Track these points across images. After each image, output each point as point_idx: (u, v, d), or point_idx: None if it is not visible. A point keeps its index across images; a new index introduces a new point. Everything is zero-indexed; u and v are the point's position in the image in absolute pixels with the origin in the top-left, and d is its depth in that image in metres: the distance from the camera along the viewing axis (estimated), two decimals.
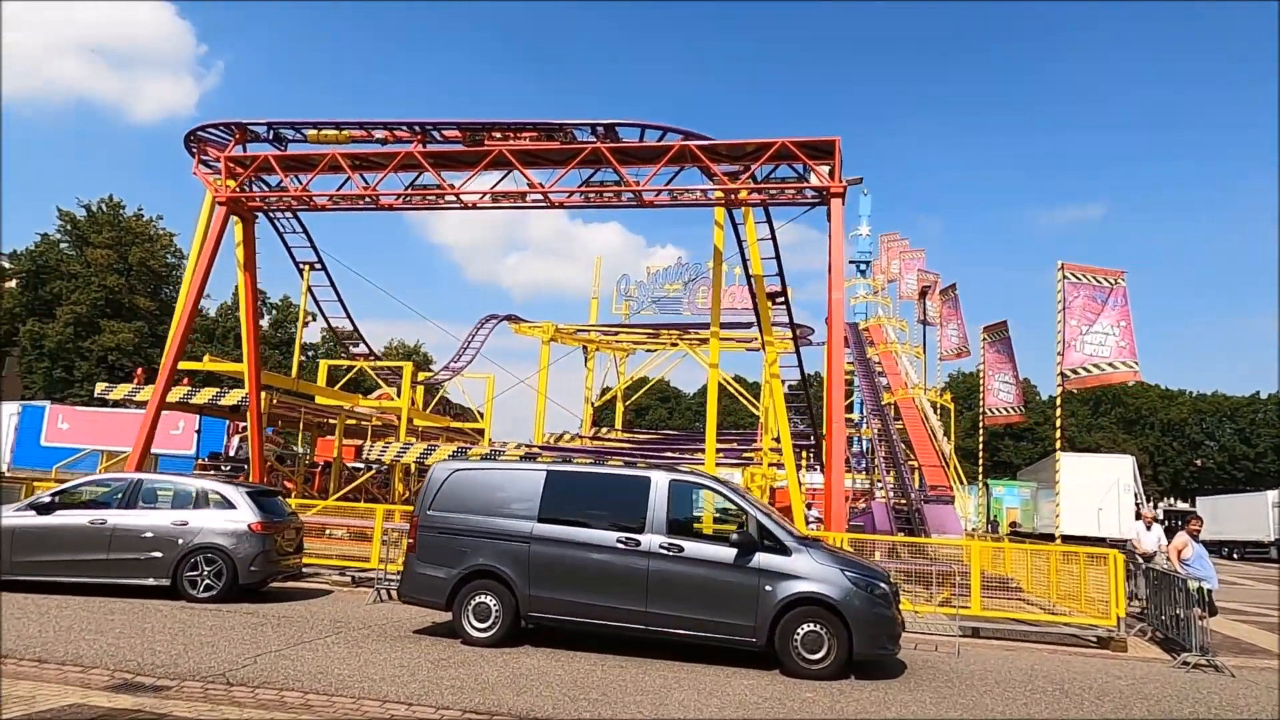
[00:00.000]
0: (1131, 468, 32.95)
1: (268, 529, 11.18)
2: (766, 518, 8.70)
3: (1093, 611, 12.13)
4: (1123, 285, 15.55)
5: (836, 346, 14.19)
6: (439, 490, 9.42)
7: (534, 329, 39.81)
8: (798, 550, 8.45)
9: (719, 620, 8.39)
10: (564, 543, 8.87)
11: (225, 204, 17.30)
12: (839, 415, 13.35)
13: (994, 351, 21.13)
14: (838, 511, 12.88)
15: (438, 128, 16.97)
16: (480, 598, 8.96)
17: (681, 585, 8.53)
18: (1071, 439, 76.89)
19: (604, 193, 16.47)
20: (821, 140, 15.20)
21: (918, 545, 13.18)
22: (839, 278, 14.49)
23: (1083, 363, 15.19)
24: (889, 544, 13.59)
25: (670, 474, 9.08)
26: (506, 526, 9.05)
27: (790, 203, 16.12)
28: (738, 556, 8.46)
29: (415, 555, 9.30)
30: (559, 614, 8.80)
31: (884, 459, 27.56)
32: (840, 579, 8.31)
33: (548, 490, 9.15)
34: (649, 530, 8.72)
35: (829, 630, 8.19)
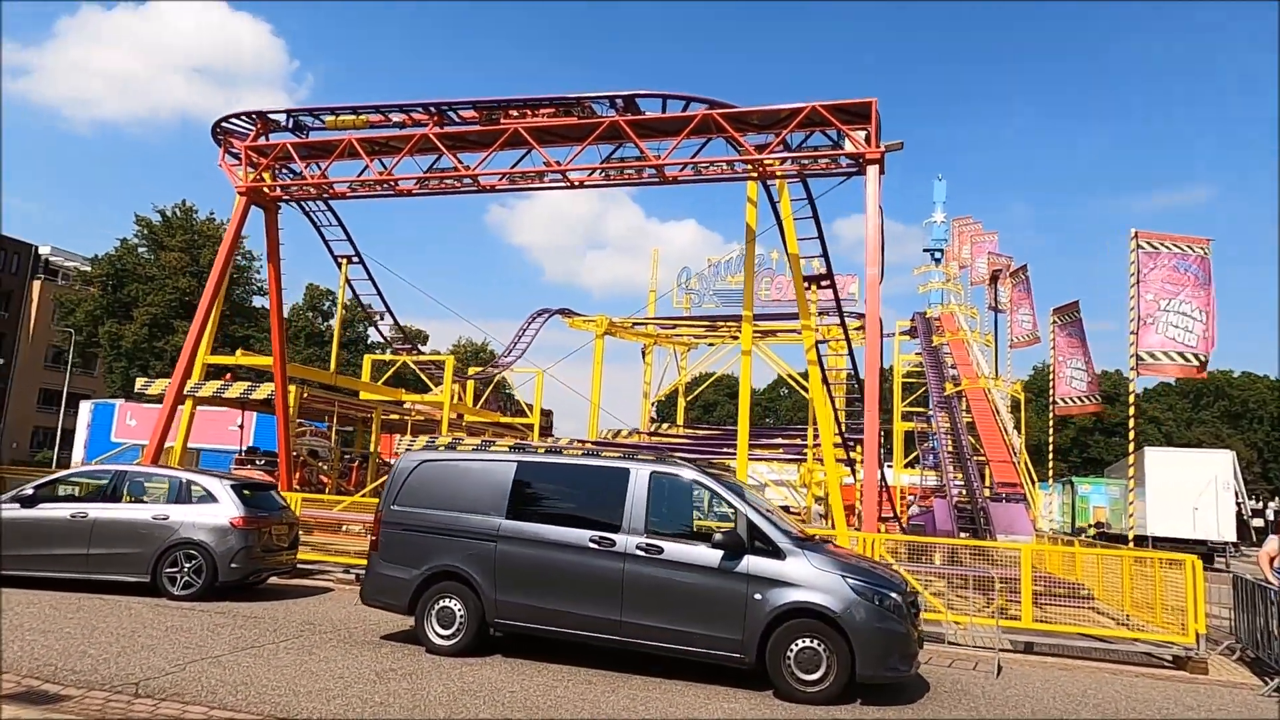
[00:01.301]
0: (1231, 463, 29.98)
1: (251, 524, 10.64)
2: (759, 515, 7.58)
3: (1170, 626, 10.52)
4: (1209, 257, 13.68)
5: (872, 329, 12.84)
6: (405, 483, 8.63)
7: (588, 323, 39.15)
8: (793, 553, 7.31)
9: (701, 633, 7.32)
10: (533, 542, 7.95)
11: (245, 194, 17.05)
12: (873, 406, 12.02)
13: (1065, 335, 19.23)
14: (869, 511, 11.57)
15: (454, 108, 16.26)
16: (445, 602, 8.13)
17: (660, 592, 7.50)
18: (1169, 435, 72.03)
19: (625, 169, 15.51)
20: (856, 103, 13.86)
21: (958, 547, 11.73)
22: (874, 252, 13.14)
23: (1162, 346, 13.41)
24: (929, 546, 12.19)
25: (651, 465, 8.05)
26: (473, 523, 8.19)
27: (824, 173, 14.81)
28: (723, 560, 7.37)
29: (378, 553, 8.53)
30: (527, 621, 7.89)
31: (949, 454, 25.74)
32: (841, 587, 7.13)
33: (518, 483, 8.25)
34: (626, 529, 7.72)
35: (828, 647, 7.04)
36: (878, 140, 13.77)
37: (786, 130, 14.17)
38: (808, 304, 16.44)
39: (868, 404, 12.13)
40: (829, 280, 18.40)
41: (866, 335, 12.96)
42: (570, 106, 15.53)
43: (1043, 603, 13.48)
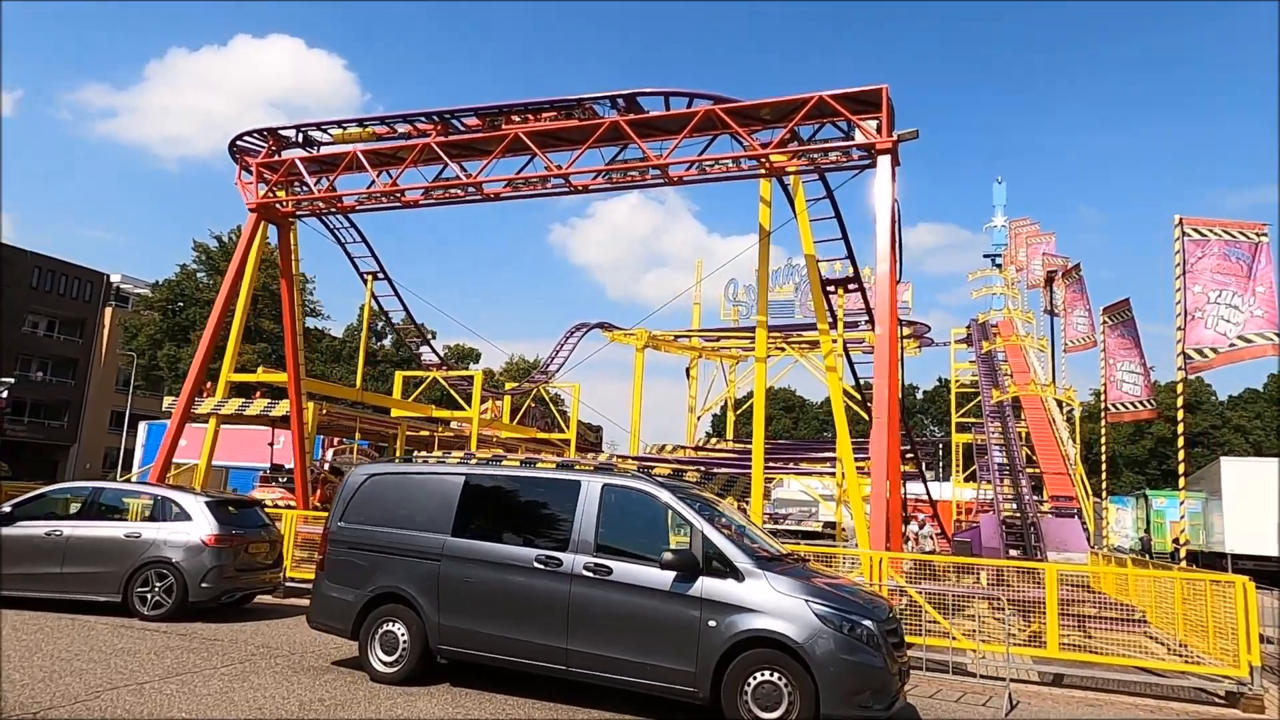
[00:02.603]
0: None
1: (225, 542, 10.32)
2: (718, 532, 6.81)
3: (1224, 656, 9.28)
4: (1265, 242, 12.36)
5: (882, 330, 11.89)
6: (352, 498, 8.14)
7: (628, 336, 38.62)
8: (753, 575, 6.52)
9: (652, 663, 6.58)
10: (478, 561, 7.34)
11: (256, 210, 17.06)
12: (882, 412, 11.08)
13: (1116, 336, 17.79)
14: (877, 528, 10.61)
15: (457, 115, 15.97)
16: (388, 626, 7.57)
17: (608, 617, 6.80)
18: (1258, 445, 67.53)
19: (629, 171, 14.93)
20: (865, 90, 13.02)
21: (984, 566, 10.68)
22: (885, 248, 12.23)
23: (1214, 342, 12.13)
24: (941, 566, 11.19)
25: (605, 477, 7.36)
26: (418, 541, 7.63)
27: (836, 166, 13.95)
28: (675, 582, 6.63)
29: (323, 574, 8.04)
30: (471, 648, 7.27)
31: (998, 466, 24.29)
32: (805, 613, 6.31)
33: (465, 498, 7.67)
34: (574, 547, 7.05)
35: (790, 681, 6.22)
36: (890, 129, 12.90)
37: (792, 123, 13.41)
38: (825, 308, 15.48)
39: (876, 411, 11.20)
40: (856, 283, 17.46)
41: (877, 336, 12.02)
42: (571, 109, 15.05)
43: (1091, 627, 12.30)
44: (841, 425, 13.96)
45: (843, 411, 14.06)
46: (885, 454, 10.79)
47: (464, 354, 70.10)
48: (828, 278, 18.11)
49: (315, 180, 16.86)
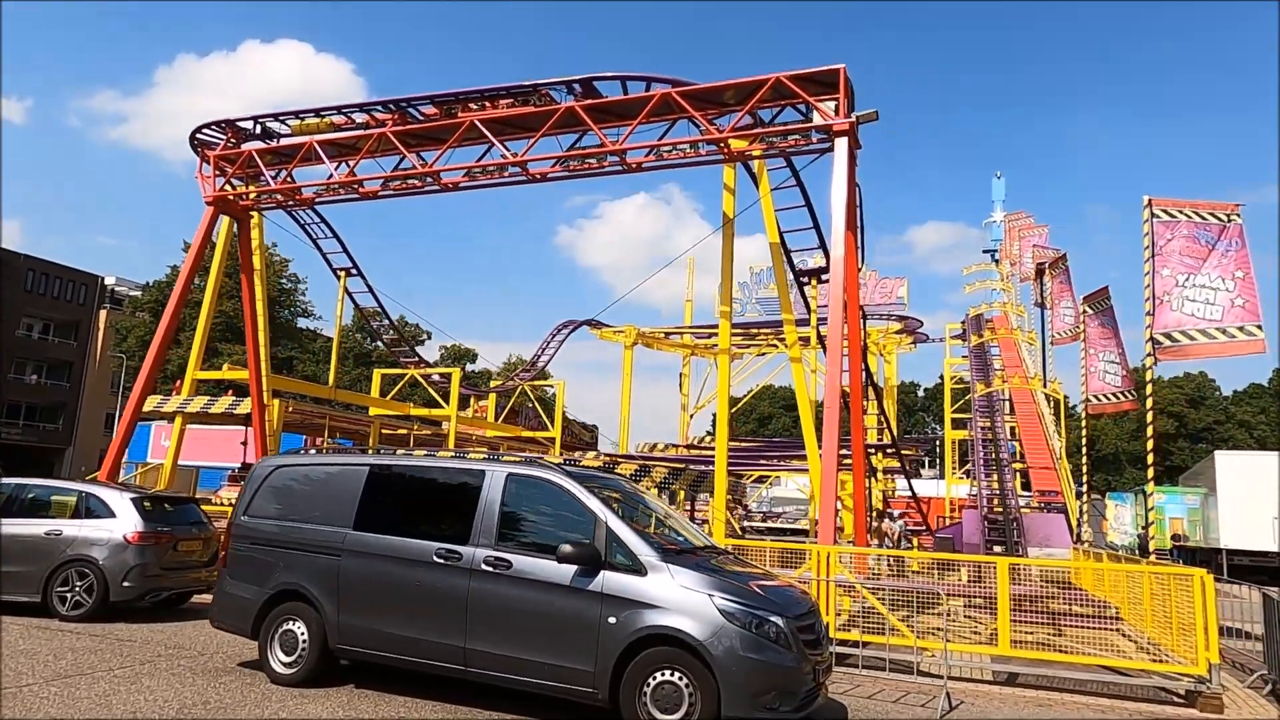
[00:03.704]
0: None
1: (149, 540, 9.97)
2: (624, 523, 6.41)
3: (1187, 653, 8.83)
4: (1238, 223, 11.89)
5: (834, 317, 11.46)
6: (257, 491, 7.77)
7: (616, 334, 38.23)
8: (656, 568, 6.12)
9: (550, 663, 6.19)
10: (378, 556, 6.96)
11: (213, 204, 16.76)
12: (833, 403, 10.66)
13: (1096, 325, 17.28)
14: (825, 524, 10.20)
15: (414, 104, 15.64)
16: (289, 624, 7.20)
17: (507, 614, 6.41)
18: (1262, 440, 66.68)
19: (586, 158, 14.56)
20: (823, 71, 12.64)
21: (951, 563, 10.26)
22: (838, 233, 11.82)
23: (1180, 325, 11.67)
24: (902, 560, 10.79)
25: (510, 467, 6.98)
26: (320, 535, 7.26)
27: (795, 150, 13.57)
28: (576, 576, 6.24)
29: (226, 570, 7.68)
30: (370, 648, 6.88)
31: (984, 461, 23.80)
32: (707, 609, 5.91)
33: (369, 490, 7.29)
34: (475, 540, 6.67)
35: (691, 681, 5.82)
36: (848, 110, 12.50)
37: (749, 106, 13.02)
38: (789, 299, 15.08)
39: (828, 400, 10.77)
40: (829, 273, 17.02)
41: (829, 323, 11.60)
42: (528, 95, 14.71)
43: (1062, 624, 11.87)
44: (806, 420, 13.56)
45: (808, 406, 13.65)
46: (833, 449, 10.37)
47: (461, 354, 69.78)
48: (803, 269, 17.72)
49: (274, 172, 16.54)
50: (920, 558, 11.16)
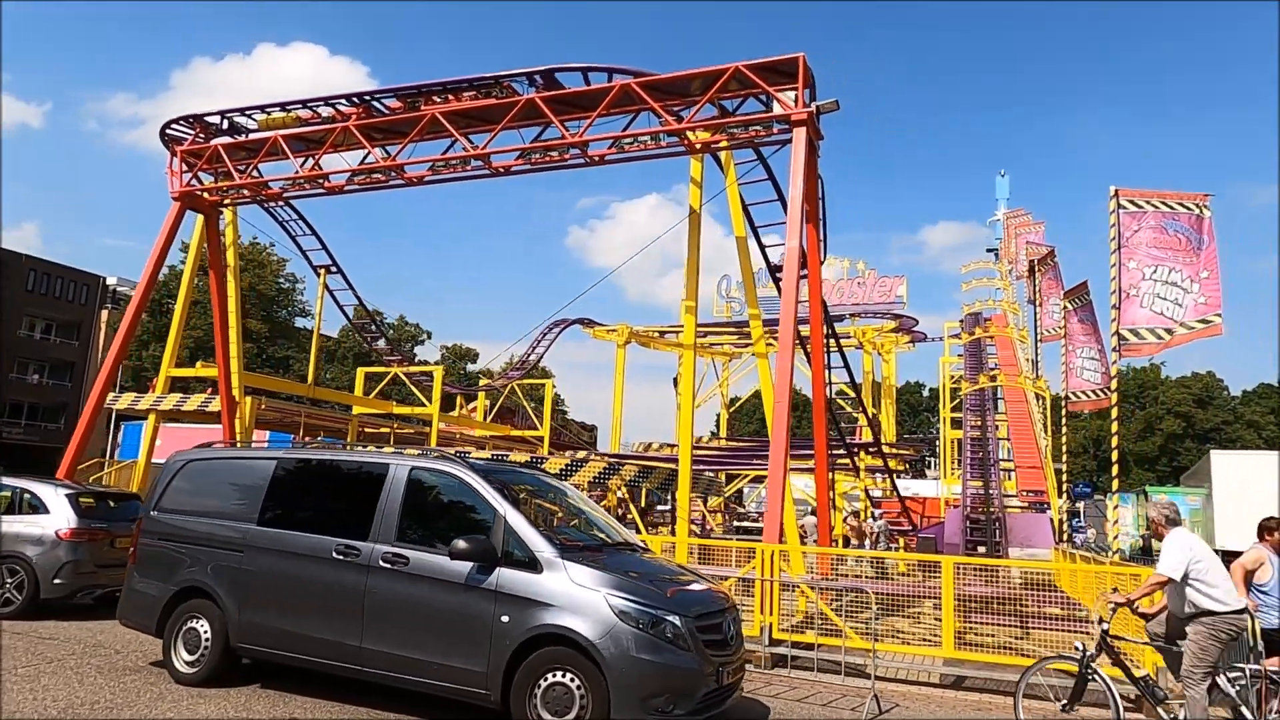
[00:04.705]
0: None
1: (83, 536, 9.81)
2: (524, 518, 6.18)
3: (1143, 656, 8.52)
4: (1207, 215, 11.56)
5: (786, 315, 11.17)
6: (168, 486, 7.60)
7: (609, 333, 38.04)
8: (552, 565, 5.89)
9: (442, 663, 5.97)
10: (279, 552, 6.76)
11: (179, 199, 16.62)
12: (783, 406, 10.39)
13: (1076, 321, 16.97)
14: (771, 523, 9.92)
15: (378, 97, 15.47)
16: (192, 623, 7.01)
17: (402, 612, 6.19)
18: (1272, 441, 65.78)
19: (549, 151, 14.33)
20: (782, 60, 12.36)
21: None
22: (794, 224, 11.55)
23: (1149, 322, 11.34)
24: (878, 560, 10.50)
25: (415, 460, 6.76)
26: (225, 531, 7.07)
27: (760, 141, 13.30)
28: (472, 573, 6.01)
29: (134, 567, 7.50)
30: (270, 646, 6.68)
31: (971, 461, 23.45)
32: (600, 607, 5.67)
33: (274, 484, 7.10)
34: (375, 536, 6.45)
35: (583, 683, 5.59)
36: (806, 100, 12.23)
37: (707, 96, 12.77)
38: (755, 294, 14.82)
39: (777, 396, 10.50)
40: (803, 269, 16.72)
41: (781, 315, 11.33)
42: (490, 88, 14.49)
43: (1031, 627, 11.56)
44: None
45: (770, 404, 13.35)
46: (782, 447, 10.09)
47: (461, 354, 69.74)
48: (777, 264, 17.44)
49: (240, 167, 16.39)
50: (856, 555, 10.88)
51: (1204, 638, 6.19)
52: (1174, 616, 6.59)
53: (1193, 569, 6.27)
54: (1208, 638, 6.17)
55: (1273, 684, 6.10)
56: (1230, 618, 6.19)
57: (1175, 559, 6.26)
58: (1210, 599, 6.22)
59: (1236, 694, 6.15)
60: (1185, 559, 6.26)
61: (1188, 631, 6.30)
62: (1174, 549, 6.33)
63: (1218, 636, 6.17)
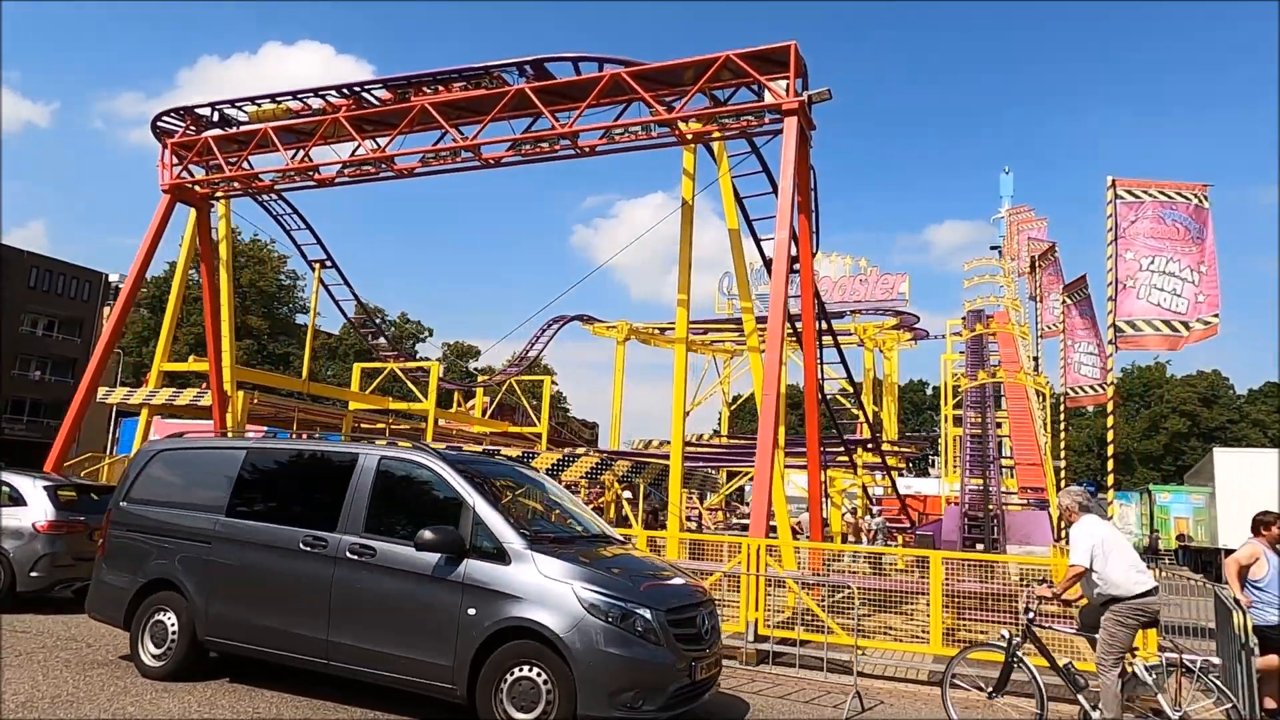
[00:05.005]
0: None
1: (60, 529, 9.69)
2: (494, 508, 6.03)
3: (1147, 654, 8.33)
4: (1206, 207, 11.34)
5: (776, 309, 10.99)
6: (138, 476, 7.47)
7: (609, 329, 37.86)
8: (521, 556, 5.74)
9: (408, 656, 5.82)
10: (247, 544, 6.63)
11: (169, 191, 16.54)
12: (771, 400, 10.22)
13: (1076, 315, 16.75)
14: (757, 516, 9.77)
15: (367, 88, 15.33)
16: (160, 615, 6.88)
17: (368, 604, 6.05)
18: (1277, 439, 65.33)
19: (540, 142, 14.18)
20: (773, 49, 12.20)
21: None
22: (785, 215, 11.38)
23: (1145, 314, 11.14)
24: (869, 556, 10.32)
25: (384, 450, 6.62)
26: (193, 522, 6.93)
27: (753, 131, 13.13)
28: (439, 565, 5.87)
29: (103, 559, 7.37)
30: (237, 639, 6.55)
31: (970, 458, 23.19)
32: (569, 600, 5.51)
33: (243, 475, 6.96)
34: (343, 527, 6.31)
35: (550, 677, 5.44)
36: (798, 89, 12.06)
37: (698, 86, 12.61)
38: (749, 288, 14.64)
39: (766, 390, 10.33)
40: (798, 263, 16.55)
41: (770, 308, 11.15)
42: (479, 78, 14.35)
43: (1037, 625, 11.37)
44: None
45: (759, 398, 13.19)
46: (770, 442, 9.93)
47: (463, 351, 69.66)
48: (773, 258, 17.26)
49: (232, 160, 16.28)
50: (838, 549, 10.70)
51: (1112, 624, 6.11)
52: (1090, 605, 6.51)
53: (1095, 555, 6.18)
54: (1115, 624, 6.10)
55: (1187, 671, 6.03)
56: (1135, 602, 6.08)
57: (1083, 547, 6.18)
58: (1113, 585, 6.13)
59: (1154, 682, 6.09)
60: (1091, 545, 6.16)
61: (1100, 620, 6.23)
62: (1082, 537, 6.23)
63: (1124, 623, 6.08)
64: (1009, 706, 7.18)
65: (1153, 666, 6.13)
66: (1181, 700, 6.07)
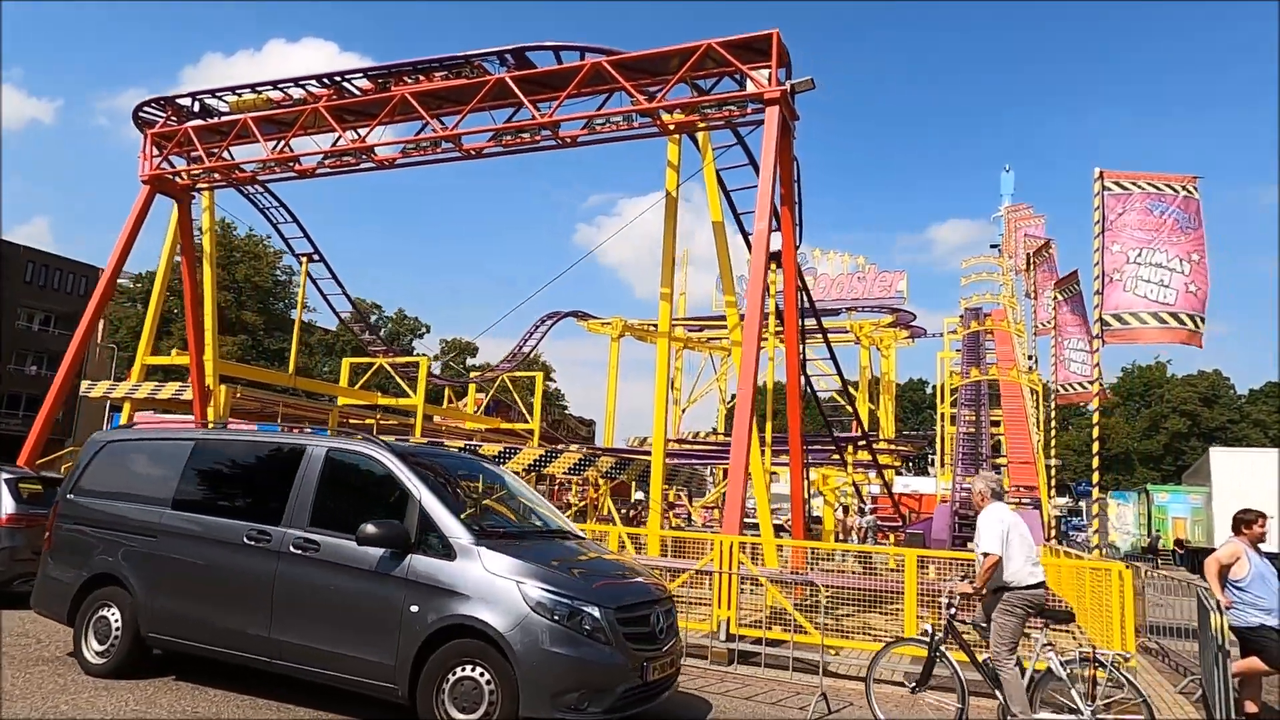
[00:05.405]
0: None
1: (21, 522, 9.51)
2: (441, 502, 5.82)
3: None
4: (1196, 198, 11.11)
5: (754, 297, 10.78)
6: (86, 468, 7.27)
7: (603, 325, 37.65)
8: (467, 552, 5.53)
9: (351, 655, 5.62)
10: (192, 537, 6.43)
11: (149, 182, 16.33)
12: (746, 392, 10.00)
13: (1067, 312, 16.50)
14: (730, 514, 9.55)
15: (347, 78, 15.11)
16: (104, 611, 6.69)
17: (311, 600, 5.85)
18: (1278, 440, 64.99)
19: (521, 132, 13.94)
20: (755, 37, 11.98)
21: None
22: (764, 206, 11.15)
23: (1132, 306, 10.91)
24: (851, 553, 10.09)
25: (333, 442, 6.42)
26: (139, 515, 6.74)
27: (738, 121, 12.90)
28: (383, 560, 5.66)
29: (49, 552, 7.17)
30: (180, 636, 6.35)
31: (962, 455, 23.01)
32: (513, 597, 5.31)
33: (192, 465, 6.77)
34: (288, 520, 6.11)
35: (493, 677, 5.24)
36: (780, 78, 11.83)
37: (679, 75, 12.39)
38: (731, 281, 14.42)
39: (741, 384, 10.10)
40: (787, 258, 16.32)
41: (748, 303, 10.94)
42: (460, 67, 14.13)
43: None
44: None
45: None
46: (745, 437, 9.71)
47: (461, 348, 69.38)
48: None
49: (213, 151, 16.06)
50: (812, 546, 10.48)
51: (1000, 614, 6.12)
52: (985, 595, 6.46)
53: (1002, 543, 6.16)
54: (1004, 613, 6.11)
55: (1099, 665, 6.00)
56: (1025, 593, 6.10)
57: (994, 534, 6.14)
58: (1009, 574, 6.11)
59: (1067, 678, 6.06)
60: (1001, 532, 6.13)
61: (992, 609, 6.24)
62: (991, 524, 6.19)
63: (1013, 612, 6.08)
64: (931, 702, 7.04)
65: (1067, 661, 6.09)
66: (1095, 694, 6.01)
